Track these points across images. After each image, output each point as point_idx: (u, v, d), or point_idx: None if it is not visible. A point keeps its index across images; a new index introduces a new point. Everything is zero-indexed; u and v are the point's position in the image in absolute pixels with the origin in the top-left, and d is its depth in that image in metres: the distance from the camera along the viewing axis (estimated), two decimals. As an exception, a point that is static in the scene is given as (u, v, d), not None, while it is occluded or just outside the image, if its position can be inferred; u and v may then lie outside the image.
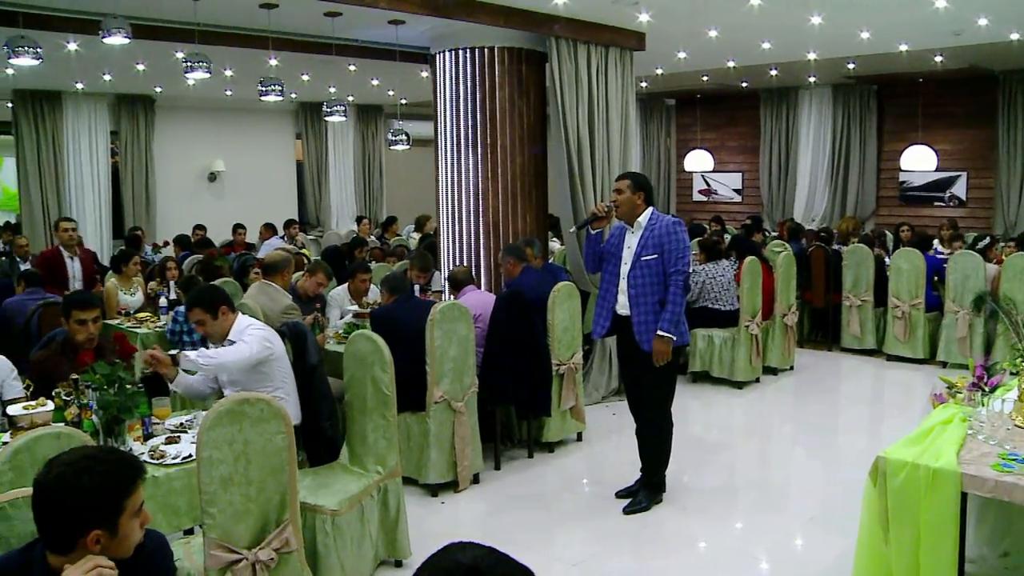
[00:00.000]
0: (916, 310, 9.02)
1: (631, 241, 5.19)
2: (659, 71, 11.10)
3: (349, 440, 4.79)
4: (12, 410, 4.09)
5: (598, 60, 7.63)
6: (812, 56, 9.83)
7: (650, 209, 5.21)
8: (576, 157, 7.49)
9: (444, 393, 5.60)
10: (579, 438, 6.81)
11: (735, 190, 15.67)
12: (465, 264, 7.53)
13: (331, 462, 4.77)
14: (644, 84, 13.09)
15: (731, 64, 10.59)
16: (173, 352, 4.57)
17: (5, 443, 3.37)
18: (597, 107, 7.63)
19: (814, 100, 14.00)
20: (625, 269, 5.18)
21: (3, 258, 10.33)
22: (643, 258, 5.10)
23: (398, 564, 4.68)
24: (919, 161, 12.01)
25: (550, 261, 8.43)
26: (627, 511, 5.35)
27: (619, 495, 5.55)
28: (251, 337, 4.57)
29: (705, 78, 12.47)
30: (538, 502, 5.71)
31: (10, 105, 12.26)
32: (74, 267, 8.05)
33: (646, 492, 5.44)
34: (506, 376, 6.08)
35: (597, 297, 5.42)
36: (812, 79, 12.94)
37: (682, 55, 9.59)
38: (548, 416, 6.41)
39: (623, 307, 5.21)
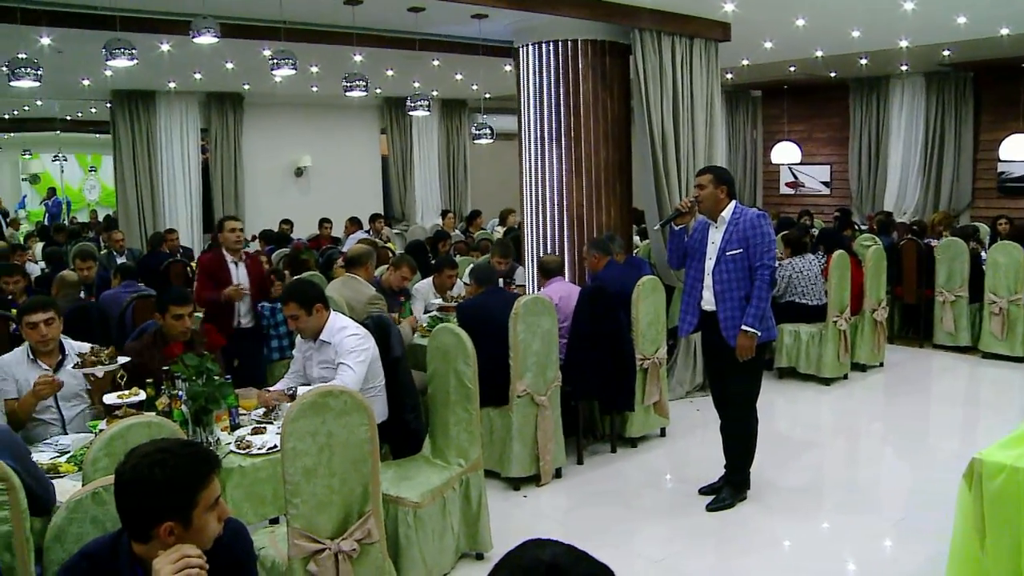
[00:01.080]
0: (1015, 306, 8.68)
1: (715, 236, 5.11)
2: (745, 62, 10.91)
3: (432, 433, 4.82)
4: (108, 399, 4.24)
5: (683, 52, 7.53)
6: (904, 44, 9.52)
7: (733, 203, 5.13)
8: (661, 150, 7.40)
9: (527, 387, 5.60)
10: (662, 433, 6.75)
11: (823, 183, 15.30)
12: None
13: (414, 455, 4.81)
14: (730, 76, 12.86)
15: (819, 54, 10.34)
16: (291, 388, 4.68)
17: (101, 430, 3.49)
18: (682, 100, 7.54)
19: (906, 89, 13.51)
20: (710, 264, 5.11)
21: (101, 252, 10.69)
22: (728, 253, 5.03)
23: (479, 557, 4.70)
24: (1021, 150, 11.55)
25: (634, 255, 8.36)
26: (710, 508, 5.29)
27: (702, 492, 5.49)
28: (352, 355, 4.56)
29: (792, 68, 12.23)
30: (620, 497, 5.68)
31: (108, 105, 12.72)
32: (239, 274, 6.85)
33: (730, 489, 5.37)
34: (589, 370, 6.05)
35: (682, 293, 5.35)
36: (904, 67, 12.56)
37: (768, 45, 9.41)
38: (631, 411, 6.37)
39: (708, 303, 5.14)
